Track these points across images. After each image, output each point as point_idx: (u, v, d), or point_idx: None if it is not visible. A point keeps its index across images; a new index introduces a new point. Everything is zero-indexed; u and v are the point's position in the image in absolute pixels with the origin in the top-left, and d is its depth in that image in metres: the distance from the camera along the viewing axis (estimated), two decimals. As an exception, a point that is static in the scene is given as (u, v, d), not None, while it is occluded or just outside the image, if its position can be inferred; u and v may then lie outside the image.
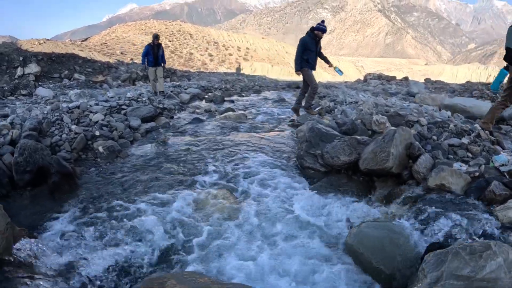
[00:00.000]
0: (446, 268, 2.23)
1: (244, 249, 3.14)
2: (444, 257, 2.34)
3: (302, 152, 5.03)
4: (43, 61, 24.48)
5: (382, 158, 4.04)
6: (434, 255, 2.40)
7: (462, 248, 2.35)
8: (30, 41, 46.96)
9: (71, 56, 26.43)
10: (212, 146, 5.94)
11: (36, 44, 44.47)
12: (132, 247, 3.09)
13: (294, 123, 7.79)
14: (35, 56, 24.31)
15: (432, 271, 2.24)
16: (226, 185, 4.51)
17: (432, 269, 2.26)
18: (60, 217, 3.71)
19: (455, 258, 2.30)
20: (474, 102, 10.39)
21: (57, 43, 51.77)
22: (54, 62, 25.26)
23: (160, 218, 3.60)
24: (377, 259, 2.75)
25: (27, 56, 23.85)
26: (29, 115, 6.99)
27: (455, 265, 2.26)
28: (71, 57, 26.33)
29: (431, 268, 2.27)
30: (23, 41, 47.61)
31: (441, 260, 2.32)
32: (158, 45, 11.94)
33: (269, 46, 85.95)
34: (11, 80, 20.79)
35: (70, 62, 26.34)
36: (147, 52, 11.83)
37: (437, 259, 2.36)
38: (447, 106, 10.22)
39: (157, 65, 12.09)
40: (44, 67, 23.64)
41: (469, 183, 3.70)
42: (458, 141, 4.91)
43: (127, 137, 6.64)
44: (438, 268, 2.23)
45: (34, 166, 4.64)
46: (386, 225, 3.06)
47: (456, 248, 2.37)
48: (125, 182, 4.61)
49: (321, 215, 3.76)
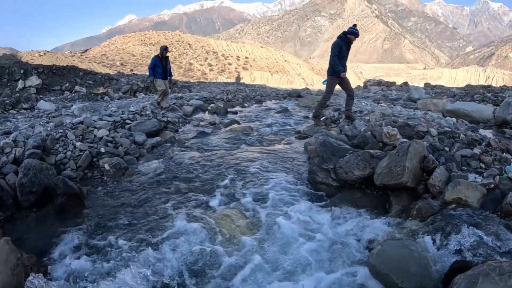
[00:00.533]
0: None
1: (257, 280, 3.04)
2: (475, 279, 2.34)
3: (314, 167, 4.95)
4: (44, 73, 24.46)
5: (397, 173, 3.96)
6: (465, 277, 2.40)
7: (492, 269, 2.34)
8: (31, 53, 47.14)
9: (72, 68, 26.42)
10: (221, 162, 5.83)
11: (36, 55, 44.64)
12: (142, 278, 2.97)
13: (301, 135, 7.70)
14: (36, 68, 24.32)
15: None
16: (235, 203, 4.41)
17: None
18: (68, 242, 3.58)
19: (486, 280, 2.30)
20: (476, 107, 10.32)
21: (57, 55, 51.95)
22: (55, 75, 25.24)
23: (169, 247, 3.45)
24: (403, 279, 2.71)
25: (28, 68, 23.85)
26: (32, 132, 6.90)
27: (487, 287, 2.26)
28: (72, 69, 26.32)
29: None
30: (23, 53, 47.76)
31: (472, 283, 2.33)
32: (166, 58, 11.66)
33: (268, 55, 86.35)
34: (12, 93, 20.79)
35: (71, 74, 26.31)
36: (155, 63, 11.39)
37: (468, 281, 2.36)
38: (450, 112, 10.14)
39: (165, 78, 11.76)
40: (45, 80, 23.63)
41: (485, 195, 3.63)
42: (470, 152, 4.83)
43: (132, 153, 6.54)
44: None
45: (39, 187, 4.54)
46: (408, 243, 3.00)
47: (486, 269, 2.36)
48: (134, 202, 4.49)
49: (339, 234, 3.66)
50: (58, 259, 3.34)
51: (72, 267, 3.15)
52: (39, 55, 45.46)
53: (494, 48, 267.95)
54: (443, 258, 2.94)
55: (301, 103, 15.22)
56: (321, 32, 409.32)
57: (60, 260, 3.31)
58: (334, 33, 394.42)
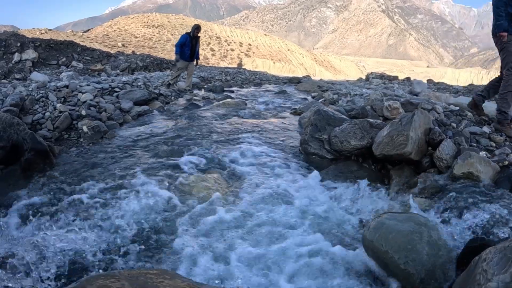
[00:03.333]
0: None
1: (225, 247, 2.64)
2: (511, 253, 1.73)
3: (306, 136, 4.49)
4: (40, 47, 23.84)
5: (400, 142, 3.52)
6: (497, 251, 1.81)
7: None
8: (32, 30, 46.48)
9: (70, 43, 25.77)
10: (207, 131, 5.43)
11: (37, 33, 43.95)
12: (96, 236, 2.61)
13: (296, 111, 7.29)
14: (33, 42, 23.71)
15: (498, 273, 1.64)
16: (217, 169, 4.01)
17: (497, 270, 1.66)
18: (26, 197, 3.23)
19: None
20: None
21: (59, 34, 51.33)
22: (52, 49, 24.60)
23: (135, 204, 3.10)
24: (407, 259, 2.19)
25: (24, 41, 23.23)
26: (12, 91, 6.49)
27: None
28: (70, 45, 25.68)
29: (497, 269, 1.66)
30: (24, 30, 47.13)
31: (507, 258, 1.73)
32: (197, 38, 10.34)
33: (272, 43, 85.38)
34: (8, 66, 20.27)
35: (68, 49, 25.68)
36: (184, 42, 9.99)
37: (502, 256, 1.76)
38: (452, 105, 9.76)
39: (192, 60, 10.41)
40: (42, 54, 23.03)
41: (498, 172, 3.22)
42: (479, 130, 4.42)
43: (116, 119, 6.12)
44: (505, 268, 1.63)
45: (7, 142, 4.15)
46: (413, 217, 2.46)
47: None
48: (106, 163, 4.11)
49: (327, 206, 3.24)
50: (9, 213, 2.98)
51: (28, 223, 2.79)
52: (40, 33, 44.66)
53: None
54: (456, 235, 2.50)
55: (301, 87, 14.80)
56: (326, 24, 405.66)
57: (11, 213, 2.96)
58: (339, 25, 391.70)
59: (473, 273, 1.79)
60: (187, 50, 10.06)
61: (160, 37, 72.70)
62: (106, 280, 1.41)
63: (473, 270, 1.83)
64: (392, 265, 2.23)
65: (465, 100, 9.98)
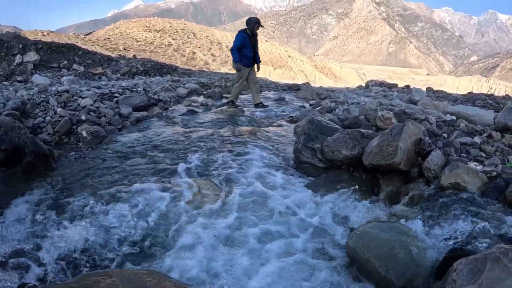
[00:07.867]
0: (484, 279, 1.74)
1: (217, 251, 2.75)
2: (481, 265, 1.84)
3: (299, 145, 4.60)
4: (42, 49, 23.93)
5: (389, 153, 3.63)
6: (467, 263, 1.89)
7: (503, 252, 1.83)
8: (34, 32, 46.64)
9: (71, 46, 25.89)
10: (204, 137, 5.54)
11: (39, 35, 44.12)
12: (92, 238, 2.72)
13: (293, 120, 7.41)
14: (35, 44, 23.82)
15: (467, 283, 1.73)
16: (211, 176, 4.12)
17: (466, 280, 1.74)
18: (25, 199, 3.34)
19: (495, 266, 1.79)
20: (477, 111, 10.05)
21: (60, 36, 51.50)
22: (54, 52, 24.70)
23: (131, 208, 3.21)
24: (387, 267, 2.26)
25: (26, 44, 23.33)
26: (14, 95, 6.61)
27: (496, 274, 1.76)
28: (71, 48, 25.80)
29: (465, 280, 1.75)
30: (26, 31, 47.30)
31: (477, 269, 1.81)
32: (256, 36, 8.16)
33: (272, 49, 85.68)
34: (9, 67, 20.40)
35: (70, 52, 25.79)
36: (243, 43, 7.72)
37: (472, 267, 1.85)
38: (450, 114, 9.89)
39: (253, 64, 8.17)
40: (43, 56, 23.12)
41: (486, 183, 3.31)
42: (470, 140, 4.54)
43: (115, 124, 6.25)
44: (474, 279, 1.72)
45: (9, 145, 4.28)
46: (395, 226, 2.56)
47: (496, 253, 1.87)
48: (104, 168, 4.22)
49: (316, 214, 3.35)
50: (10, 214, 3.10)
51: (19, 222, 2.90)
52: (42, 34, 44.85)
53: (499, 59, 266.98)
54: (437, 245, 2.57)
55: (300, 94, 14.93)
56: (327, 31, 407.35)
57: (11, 215, 3.08)
58: (340, 32, 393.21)
59: (444, 283, 1.88)
60: (248, 53, 7.83)
61: (161, 42, 72.96)
62: (99, 277, 1.52)
63: (445, 280, 1.91)
64: (373, 272, 2.31)
65: (462, 108, 10.14)
